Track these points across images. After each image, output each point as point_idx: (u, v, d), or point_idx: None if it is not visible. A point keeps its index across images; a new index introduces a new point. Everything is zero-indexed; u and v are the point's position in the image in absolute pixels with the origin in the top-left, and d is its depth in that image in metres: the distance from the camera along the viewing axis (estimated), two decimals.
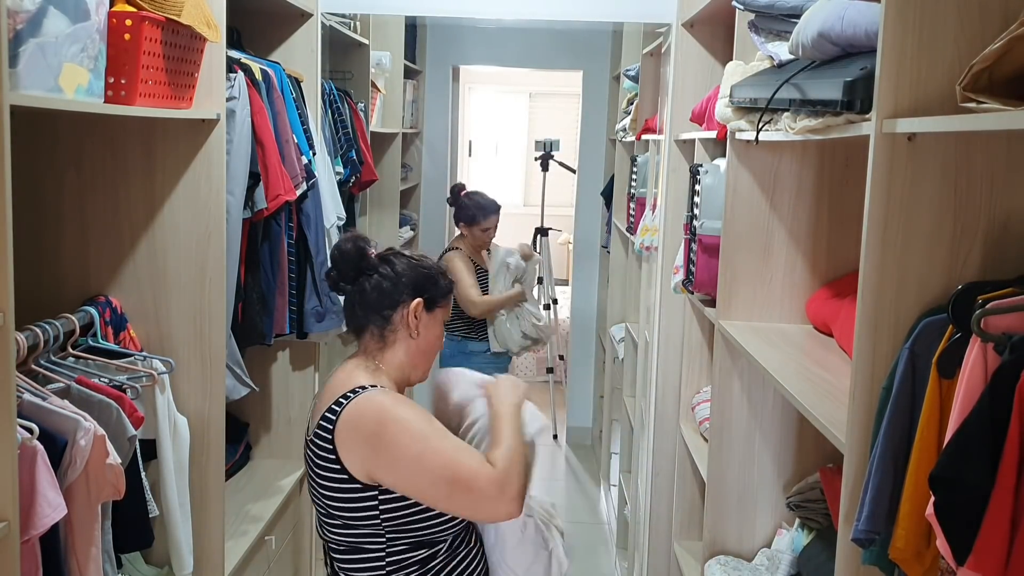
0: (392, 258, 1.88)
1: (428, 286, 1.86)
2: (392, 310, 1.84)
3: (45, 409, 1.52)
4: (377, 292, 1.84)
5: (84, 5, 1.48)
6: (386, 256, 1.89)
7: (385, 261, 1.87)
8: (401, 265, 1.86)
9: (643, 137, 4.04)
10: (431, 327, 1.87)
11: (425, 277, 1.87)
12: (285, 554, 2.77)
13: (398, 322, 1.84)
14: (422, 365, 1.89)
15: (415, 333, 1.85)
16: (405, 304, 1.84)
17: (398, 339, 1.85)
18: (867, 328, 1.34)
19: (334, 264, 1.88)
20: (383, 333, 1.85)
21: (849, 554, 1.40)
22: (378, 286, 1.84)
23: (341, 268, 1.87)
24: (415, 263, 1.88)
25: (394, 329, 1.84)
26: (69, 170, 1.96)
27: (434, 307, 1.88)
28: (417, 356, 1.87)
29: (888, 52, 1.27)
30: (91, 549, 1.58)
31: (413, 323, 1.84)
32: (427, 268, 1.89)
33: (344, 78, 3.70)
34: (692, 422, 2.95)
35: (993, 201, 1.31)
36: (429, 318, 1.87)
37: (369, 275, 1.85)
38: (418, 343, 1.85)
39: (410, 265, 1.87)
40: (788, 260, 2.28)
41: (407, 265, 1.87)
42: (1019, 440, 1.03)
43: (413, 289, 1.85)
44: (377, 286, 1.84)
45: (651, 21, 3.61)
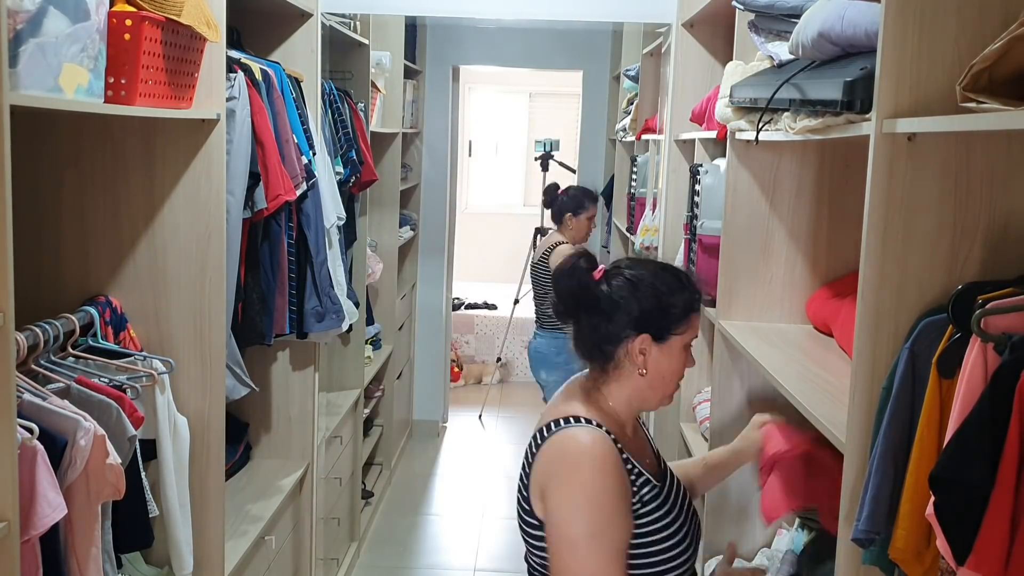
0: (613, 280, 1.59)
1: (656, 315, 1.56)
2: (614, 346, 1.58)
3: (45, 409, 1.52)
4: (594, 326, 1.59)
5: (84, 5, 1.48)
6: (610, 276, 1.60)
7: (607, 283, 1.59)
8: (623, 289, 1.57)
9: (643, 137, 4.05)
10: (666, 359, 1.59)
11: (653, 303, 1.56)
12: (285, 554, 2.77)
13: (623, 358, 1.58)
14: (654, 397, 1.62)
15: (642, 371, 1.58)
16: (628, 340, 1.57)
17: (623, 375, 1.59)
18: (867, 328, 1.34)
19: (555, 291, 1.64)
20: (605, 367, 1.60)
21: (849, 554, 1.40)
22: (596, 318, 1.59)
23: (561, 297, 1.63)
24: (643, 284, 1.58)
25: (618, 365, 1.59)
26: (69, 170, 1.96)
27: (667, 336, 1.58)
28: (648, 391, 1.60)
29: (888, 52, 1.27)
30: (91, 549, 1.58)
31: (639, 361, 1.57)
32: (657, 289, 1.58)
33: (344, 78, 3.69)
34: (692, 422, 2.95)
35: (993, 201, 1.31)
36: (661, 350, 1.58)
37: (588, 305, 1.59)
38: (649, 379, 1.59)
39: (636, 288, 1.57)
40: (788, 260, 2.28)
41: (631, 289, 1.57)
42: (1019, 440, 1.03)
43: (637, 321, 1.56)
44: (595, 318, 1.59)
45: (651, 21, 3.61)
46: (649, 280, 1.58)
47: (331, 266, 2.68)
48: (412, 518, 4.61)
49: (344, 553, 3.83)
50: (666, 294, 1.58)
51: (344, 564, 3.77)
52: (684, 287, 1.61)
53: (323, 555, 3.28)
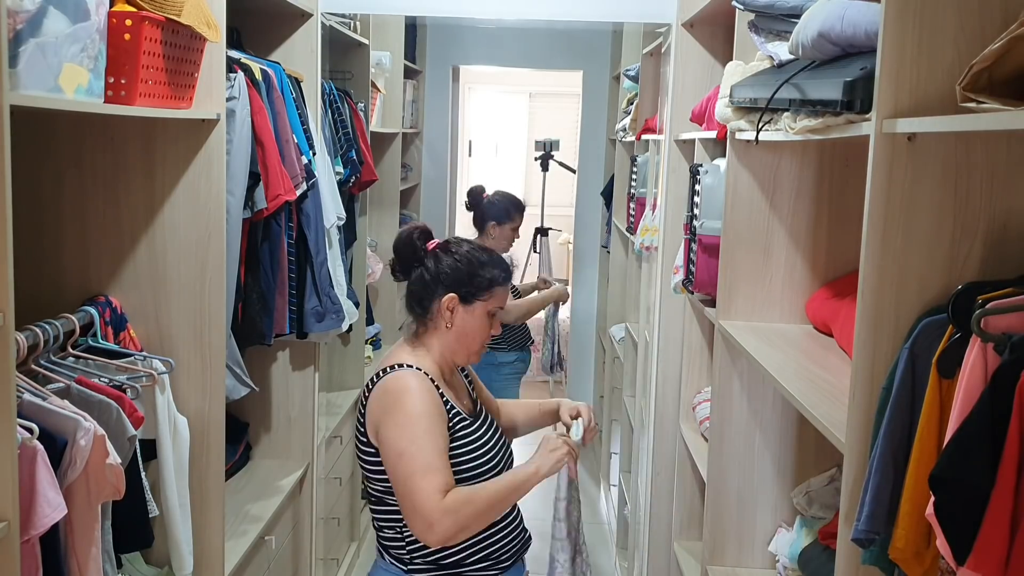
0: (440, 252, 2.00)
1: (465, 281, 1.97)
2: (429, 301, 1.98)
3: (45, 409, 1.52)
4: (418, 284, 2.00)
5: (84, 5, 1.48)
6: (437, 249, 2.01)
7: (433, 255, 2.00)
8: (447, 259, 1.98)
9: (643, 137, 4.04)
10: (470, 319, 1.98)
11: (466, 272, 1.97)
12: (285, 554, 2.77)
13: (435, 313, 1.98)
14: (462, 352, 2.00)
15: (448, 324, 1.97)
16: (439, 298, 1.97)
17: (436, 328, 1.99)
18: (867, 328, 1.34)
19: (395, 254, 2.04)
20: (424, 321, 2.00)
21: (849, 554, 1.40)
22: (420, 278, 2.00)
23: (399, 258, 2.03)
24: (461, 257, 1.99)
25: (431, 318, 1.99)
26: (69, 170, 1.96)
27: (472, 300, 1.98)
28: (455, 344, 1.99)
29: (888, 52, 1.27)
30: (91, 549, 1.58)
31: (446, 316, 1.97)
32: (471, 262, 1.98)
33: (344, 78, 3.69)
34: (692, 422, 2.95)
35: (993, 201, 1.31)
36: (466, 310, 1.98)
37: (416, 267, 2.00)
38: (454, 333, 1.98)
39: (456, 259, 1.98)
40: (788, 260, 2.28)
41: (452, 259, 1.98)
42: (1019, 440, 1.03)
43: (449, 283, 1.97)
44: (419, 278, 2.00)
45: (651, 21, 3.61)
46: (465, 252, 2.01)
47: (331, 266, 2.68)
48: None
49: (344, 553, 3.83)
50: (476, 265, 1.99)
51: (344, 564, 3.77)
52: (496, 264, 2.02)
53: (323, 555, 3.28)
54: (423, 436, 1.83)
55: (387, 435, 1.85)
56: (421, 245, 2.02)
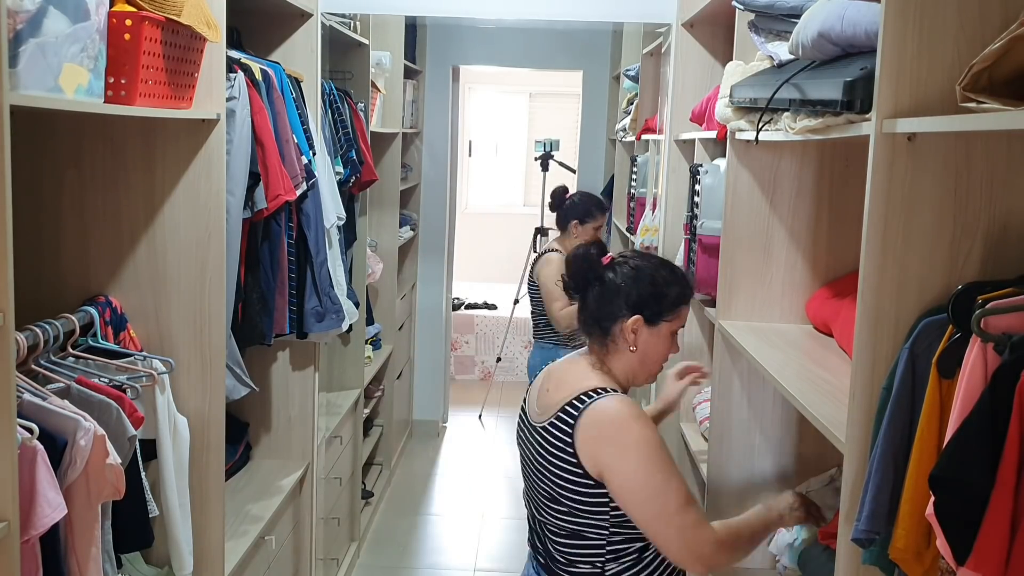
0: (618, 267, 1.85)
1: (650, 301, 1.82)
2: (611, 322, 1.83)
3: (45, 409, 1.52)
4: (597, 304, 1.85)
5: (84, 5, 1.48)
6: (616, 263, 1.86)
7: (612, 271, 1.85)
8: (625, 276, 1.84)
9: (643, 137, 4.05)
10: (654, 340, 1.84)
11: (649, 290, 1.82)
12: (285, 554, 2.77)
13: (617, 334, 1.83)
14: (643, 374, 1.88)
15: (633, 348, 1.83)
16: (623, 319, 1.82)
17: (619, 349, 1.84)
18: (867, 328, 1.34)
19: (567, 269, 1.90)
20: (604, 342, 1.85)
21: (849, 554, 1.40)
22: (599, 297, 1.85)
23: (572, 275, 1.89)
24: (643, 273, 1.84)
25: (614, 340, 1.84)
26: (69, 170, 1.96)
27: (658, 321, 1.83)
28: (638, 367, 1.86)
29: (888, 52, 1.27)
30: (91, 549, 1.58)
31: (631, 338, 1.82)
32: (655, 280, 1.84)
33: (344, 78, 3.69)
34: (692, 422, 2.95)
35: (993, 201, 1.31)
36: (651, 332, 1.83)
37: (594, 285, 1.86)
38: (639, 356, 1.84)
39: (636, 276, 1.83)
40: (788, 260, 2.29)
41: (633, 276, 1.83)
42: (1019, 440, 1.03)
43: (633, 304, 1.82)
44: (598, 297, 1.85)
45: (651, 21, 3.61)
46: (649, 271, 1.84)
47: (331, 266, 2.68)
48: (412, 518, 4.61)
49: (344, 553, 3.83)
50: (662, 284, 1.83)
51: (344, 564, 3.77)
52: (678, 281, 1.87)
53: (323, 555, 3.28)
54: (671, 466, 1.72)
55: (632, 471, 1.70)
56: (598, 260, 1.87)
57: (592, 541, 1.77)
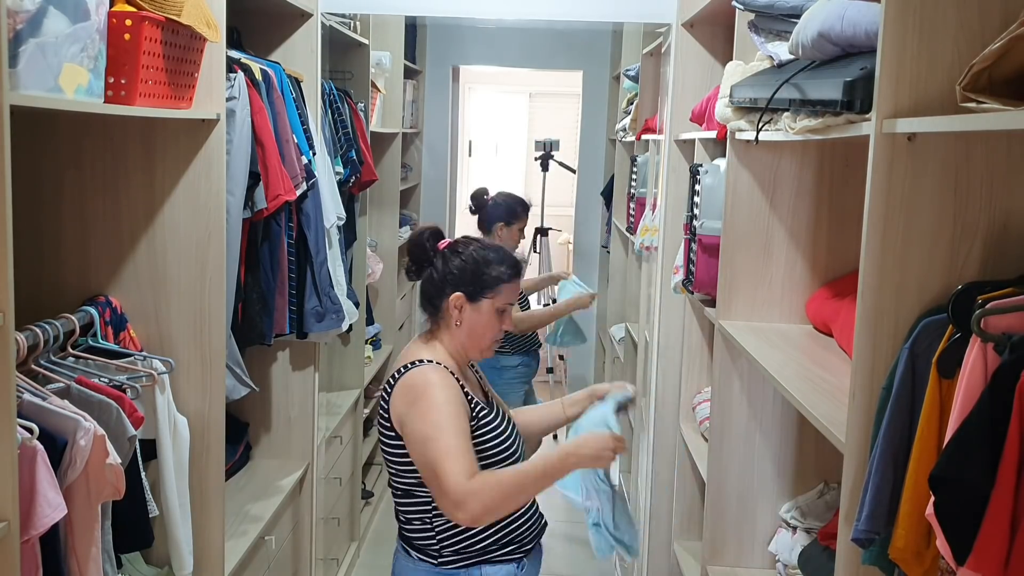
0: (448, 252, 2.04)
1: (472, 280, 2.01)
2: (439, 300, 2.03)
3: (45, 409, 1.52)
4: (428, 283, 2.06)
5: (84, 5, 1.48)
6: (447, 249, 2.05)
7: (442, 254, 2.04)
8: (454, 259, 2.03)
9: (643, 137, 4.04)
10: (477, 316, 2.02)
11: (472, 271, 2.01)
12: (285, 554, 2.77)
13: (444, 311, 2.03)
14: (473, 348, 2.05)
15: (457, 323, 2.02)
16: (447, 296, 2.01)
17: (448, 326, 2.03)
18: (867, 328, 1.34)
19: (408, 254, 2.10)
20: (436, 319, 2.06)
21: (849, 554, 1.40)
22: (430, 277, 2.05)
23: (412, 258, 2.09)
24: (468, 256, 2.03)
25: (442, 316, 2.04)
26: (69, 170, 1.96)
27: (479, 298, 2.01)
28: (466, 341, 2.03)
29: (888, 52, 1.27)
30: (91, 549, 1.58)
31: (454, 314, 2.01)
32: (477, 261, 2.02)
33: (344, 78, 3.69)
34: (692, 422, 2.95)
35: (993, 201, 1.31)
36: (474, 308, 2.02)
37: (427, 267, 2.06)
38: (464, 331, 2.02)
39: (462, 258, 2.02)
40: (788, 260, 2.28)
41: (459, 258, 2.02)
42: (1019, 440, 1.03)
43: (456, 282, 2.01)
44: (429, 278, 2.05)
45: (651, 21, 3.61)
46: (473, 252, 2.04)
47: (331, 266, 2.68)
48: None
49: (344, 553, 3.83)
50: (483, 264, 2.02)
51: (344, 564, 3.76)
52: (502, 262, 2.04)
53: (323, 555, 3.28)
54: (447, 421, 1.87)
55: (413, 426, 1.89)
56: (431, 245, 2.06)
57: (420, 498, 1.96)
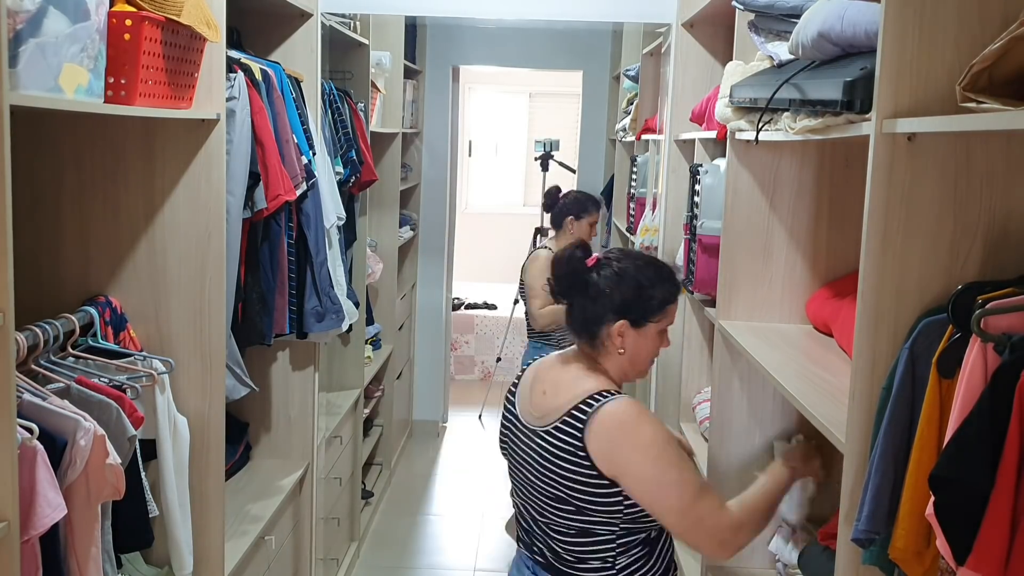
0: (603, 270, 1.84)
1: (635, 304, 1.82)
2: (598, 327, 1.83)
3: (45, 409, 1.52)
4: (583, 308, 1.84)
5: (84, 5, 1.48)
6: (600, 266, 1.85)
7: (596, 272, 1.84)
8: (609, 279, 1.82)
9: (643, 137, 4.04)
10: (642, 341, 1.84)
11: (634, 294, 1.81)
12: (285, 554, 2.77)
13: (605, 338, 1.83)
14: (633, 373, 1.89)
15: (621, 351, 1.83)
16: (609, 324, 1.82)
17: (608, 352, 1.84)
18: (867, 328, 1.34)
19: (554, 275, 1.88)
20: (593, 345, 1.86)
21: (849, 554, 1.40)
22: (585, 302, 1.84)
23: (560, 279, 1.87)
24: (627, 276, 1.82)
25: (602, 343, 1.84)
26: (69, 170, 1.96)
27: (644, 323, 1.83)
28: (628, 367, 1.86)
29: (888, 52, 1.27)
30: (91, 549, 1.58)
31: (618, 342, 1.82)
32: (639, 282, 1.82)
33: (344, 78, 3.69)
34: (692, 422, 2.95)
35: (993, 201, 1.31)
36: (638, 334, 1.83)
37: (580, 289, 1.84)
38: (628, 357, 1.84)
39: (620, 279, 1.82)
40: (788, 260, 2.28)
41: (616, 280, 1.82)
42: (1019, 440, 1.03)
43: (618, 308, 1.81)
44: (584, 302, 1.84)
45: (651, 21, 3.61)
46: (633, 273, 1.83)
47: (331, 266, 2.68)
48: (412, 518, 4.61)
49: (344, 553, 3.83)
50: (647, 287, 1.82)
51: (344, 564, 3.77)
52: (664, 281, 1.85)
53: (323, 555, 3.28)
54: (682, 460, 1.76)
55: (647, 470, 1.72)
56: (583, 262, 1.85)
57: (602, 537, 1.79)
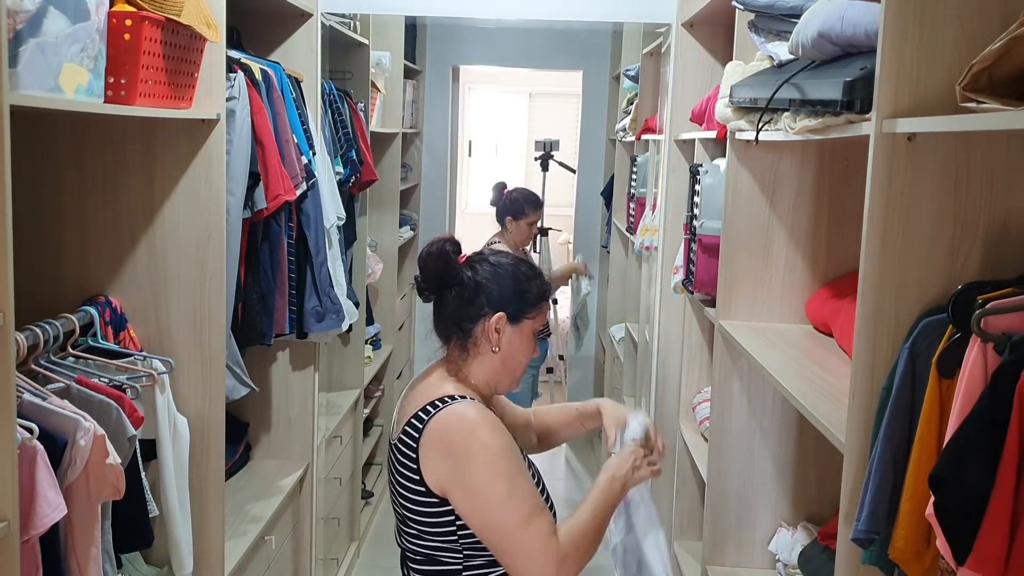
0: (478, 264, 1.74)
1: (513, 297, 1.72)
2: (472, 323, 1.72)
3: (45, 409, 1.52)
4: (456, 303, 1.73)
5: (84, 5, 1.48)
6: (473, 261, 1.75)
7: (471, 267, 1.74)
8: (485, 273, 1.73)
9: (643, 137, 4.05)
10: (518, 339, 1.73)
11: (512, 287, 1.72)
12: (285, 554, 2.77)
13: (479, 335, 1.72)
14: (507, 377, 1.76)
15: (496, 348, 1.72)
16: (486, 318, 1.71)
17: (481, 352, 1.73)
18: (867, 328, 1.34)
19: (420, 271, 1.76)
20: (465, 345, 1.73)
21: (849, 554, 1.40)
22: (458, 297, 1.73)
23: (426, 276, 1.76)
24: (503, 270, 1.74)
25: (476, 342, 1.73)
26: (69, 170, 1.96)
27: (521, 319, 1.73)
28: (501, 369, 1.74)
29: (888, 52, 1.27)
30: (91, 549, 1.58)
31: (494, 338, 1.71)
32: (516, 275, 1.74)
33: (344, 78, 3.69)
34: (692, 422, 2.95)
35: (993, 201, 1.31)
36: (515, 330, 1.72)
37: (451, 285, 1.73)
38: (502, 357, 1.73)
39: (496, 272, 1.73)
40: (788, 260, 2.29)
41: (492, 272, 1.73)
42: (1019, 440, 1.03)
43: (496, 301, 1.71)
44: (457, 297, 1.73)
45: (651, 21, 3.61)
46: (510, 267, 1.75)
47: (331, 266, 2.68)
48: None
49: (344, 553, 3.83)
50: (523, 280, 1.74)
51: (344, 564, 3.76)
52: (538, 276, 1.78)
53: (323, 555, 3.28)
54: (517, 475, 1.59)
55: (472, 481, 1.58)
56: (455, 258, 1.75)
57: (448, 567, 1.65)
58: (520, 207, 4.24)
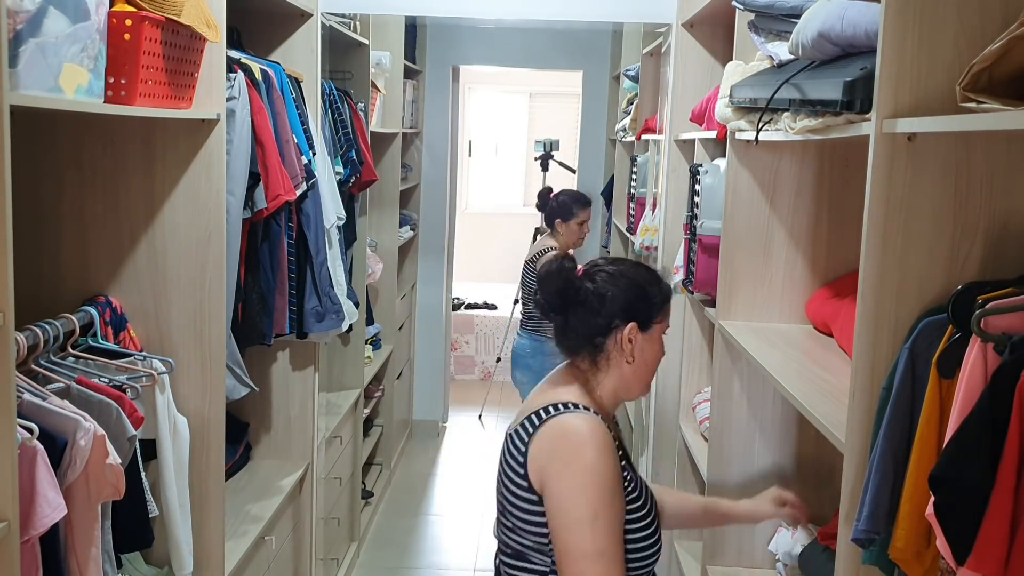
0: (596, 276, 1.70)
1: (640, 305, 1.68)
2: (604, 337, 1.68)
3: (45, 409, 1.52)
4: (584, 320, 1.69)
5: (84, 5, 1.48)
6: (593, 274, 1.71)
7: (591, 279, 1.70)
8: (608, 284, 1.68)
9: (643, 137, 4.05)
10: (649, 346, 1.70)
11: (636, 294, 1.68)
12: (285, 554, 2.77)
13: (611, 348, 1.68)
14: (637, 384, 1.73)
15: (630, 358, 1.68)
16: (618, 330, 1.67)
17: (612, 364, 1.69)
18: (867, 328, 1.34)
19: (540, 291, 1.74)
20: (596, 359, 1.70)
21: (849, 554, 1.40)
22: (584, 313, 1.69)
23: (547, 296, 1.72)
24: (625, 278, 1.70)
25: (607, 355, 1.69)
26: (69, 170, 1.96)
27: (650, 325, 1.69)
28: (632, 378, 1.70)
29: (888, 52, 1.27)
30: (91, 549, 1.58)
31: (628, 348, 1.67)
32: (637, 281, 1.70)
33: (344, 78, 3.69)
34: (692, 422, 2.95)
35: (993, 201, 1.31)
36: (645, 337, 1.69)
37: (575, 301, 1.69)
38: (635, 366, 1.69)
39: (617, 282, 1.69)
40: (788, 260, 2.29)
41: (615, 283, 1.69)
42: (1019, 440, 1.03)
43: (624, 311, 1.67)
44: (584, 313, 1.69)
45: (651, 21, 3.61)
46: (629, 273, 1.71)
47: (331, 266, 2.68)
48: (412, 518, 4.61)
49: (344, 553, 3.83)
50: (645, 285, 1.70)
51: (344, 564, 3.77)
52: (658, 279, 1.74)
53: (323, 555, 3.28)
54: (605, 509, 1.53)
55: (560, 491, 1.55)
56: (574, 273, 1.71)
57: (535, 566, 1.62)
58: (568, 209, 4.31)
